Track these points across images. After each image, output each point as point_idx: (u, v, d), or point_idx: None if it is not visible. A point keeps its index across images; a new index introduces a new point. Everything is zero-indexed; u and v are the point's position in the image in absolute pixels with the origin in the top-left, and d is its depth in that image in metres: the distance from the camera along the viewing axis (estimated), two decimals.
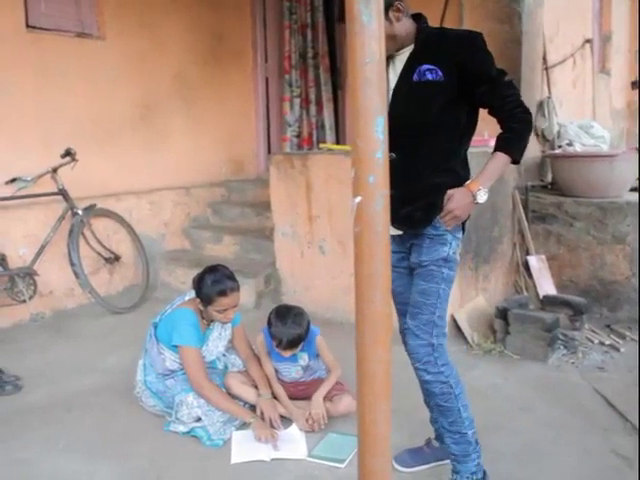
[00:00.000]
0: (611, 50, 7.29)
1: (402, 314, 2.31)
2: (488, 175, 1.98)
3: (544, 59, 4.68)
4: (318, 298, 4.20)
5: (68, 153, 4.11)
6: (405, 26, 2.08)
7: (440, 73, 2.01)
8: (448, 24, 4.75)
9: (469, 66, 1.99)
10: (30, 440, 2.67)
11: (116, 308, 4.33)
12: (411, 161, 2.06)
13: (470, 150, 3.75)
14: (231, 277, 2.73)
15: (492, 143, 3.99)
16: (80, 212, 4.21)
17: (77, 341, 3.89)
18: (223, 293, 2.65)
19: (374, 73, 1.11)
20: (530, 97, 4.43)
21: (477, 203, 1.96)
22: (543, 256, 4.31)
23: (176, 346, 2.71)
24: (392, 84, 2.11)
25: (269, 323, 2.74)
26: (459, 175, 2.11)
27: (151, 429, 2.75)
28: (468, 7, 4.47)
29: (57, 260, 4.29)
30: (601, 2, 6.95)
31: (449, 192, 1.95)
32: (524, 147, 2.03)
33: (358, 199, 1.14)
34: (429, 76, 2.03)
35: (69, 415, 2.91)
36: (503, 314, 3.70)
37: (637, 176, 4.27)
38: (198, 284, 2.72)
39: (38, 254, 4.06)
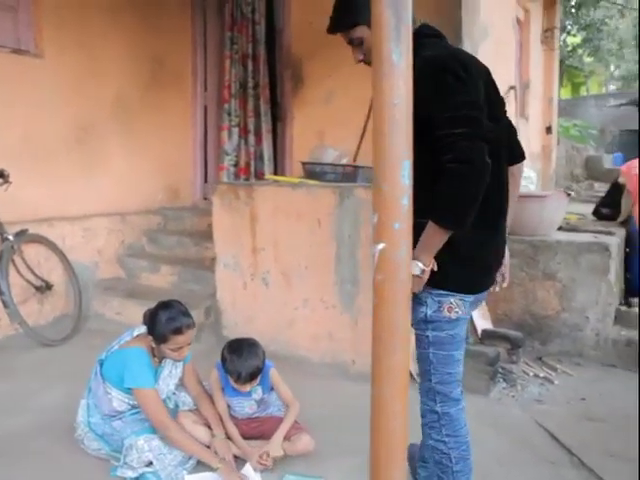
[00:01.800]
0: (529, 96, 7.78)
1: None
2: (420, 246, 1.73)
3: None
4: (261, 331, 4.13)
5: (1, 174, 3.88)
6: None
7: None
8: None
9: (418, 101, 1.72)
10: None
11: (47, 340, 4.08)
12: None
13: None
14: (186, 313, 2.64)
15: None
16: (11, 237, 3.98)
17: (5, 377, 3.62)
18: (179, 331, 2.56)
19: (402, 115, 1.11)
20: None
21: (414, 274, 1.70)
22: None
23: (129, 388, 2.58)
24: None
25: (223, 359, 2.67)
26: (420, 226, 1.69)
27: (96, 474, 2.60)
28: None
29: None
30: (521, 52, 7.43)
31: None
32: (452, 212, 1.72)
33: (381, 246, 1.13)
34: None
35: (3, 460, 2.68)
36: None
37: (564, 217, 4.54)
38: (151, 321, 2.61)
39: None
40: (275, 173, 5.73)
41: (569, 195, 4.44)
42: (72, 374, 3.65)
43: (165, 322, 2.54)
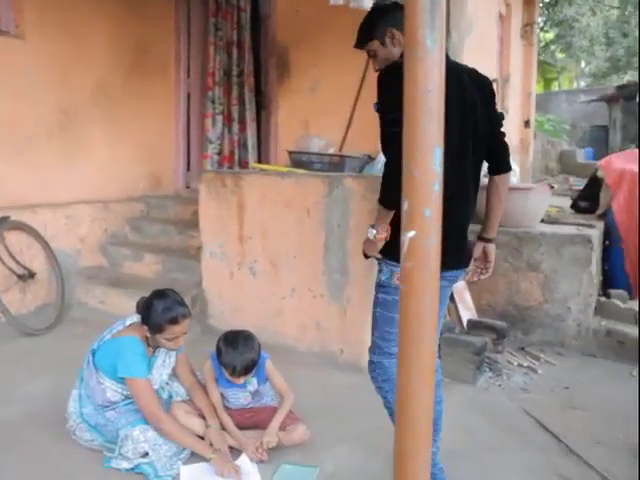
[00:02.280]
0: (509, 90, 7.86)
1: None
2: (376, 218, 2.19)
3: None
4: (247, 320, 4.11)
5: None
6: (399, 52, 2.25)
7: (377, 105, 2.25)
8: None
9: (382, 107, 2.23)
10: None
11: (30, 329, 4.01)
12: None
13: None
14: (182, 303, 2.60)
15: None
16: None
17: None
18: (175, 321, 2.53)
19: (435, 102, 1.11)
20: None
21: (369, 239, 2.17)
22: (463, 281, 4.52)
23: (122, 378, 2.55)
24: None
25: (218, 351, 2.65)
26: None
27: (89, 466, 2.56)
28: None
29: None
30: (502, 45, 7.50)
31: None
32: (383, 194, 2.15)
33: (411, 234, 1.12)
34: (375, 108, 2.28)
35: None
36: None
37: (547, 209, 4.61)
38: (146, 310, 2.57)
39: None
40: (259, 161, 5.69)
41: (552, 188, 4.50)
42: (57, 363, 3.61)
43: (161, 312, 2.51)
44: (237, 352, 2.57)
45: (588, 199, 5.64)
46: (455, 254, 2.24)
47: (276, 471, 2.54)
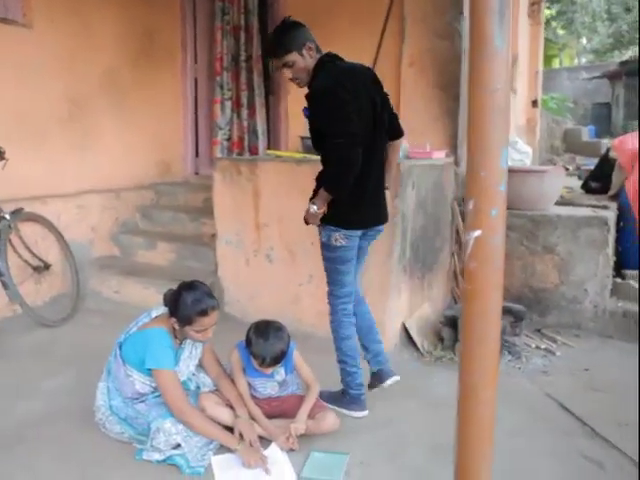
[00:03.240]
0: (517, 71, 7.79)
1: None
2: (318, 196, 2.76)
3: None
4: (264, 308, 4.11)
5: None
6: (314, 63, 2.73)
7: (307, 112, 2.74)
8: (389, 38, 4.86)
9: (311, 115, 2.72)
10: None
11: (47, 321, 4.00)
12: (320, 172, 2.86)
13: (415, 162, 3.87)
14: (210, 295, 2.60)
15: (435, 155, 4.12)
16: (7, 217, 3.85)
17: (10, 360, 3.56)
18: (204, 313, 2.52)
19: (502, 101, 1.09)
20: (466, 112, 4.63)
21: (310, 212, 2.78)
22: None
23: (149, 369, 2.55)
24: None
25: (248, 342, 2.64)
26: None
27: (120, 458, 2.56)
28: (410, 21, 4.59)
29: None
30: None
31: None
32: (331, 185, 2.69)
33: (477, 233, 1.11)
34: (305, 113, 2.77)
35: (22, 448, 2.62)
36: (451, 322, 3.84)
37: (561, 191, 4.60)
38: (174, 302, 2.56)
39: None
40: (268, 147, 5.66)
41: (567, 170, 4.48)
42: (77, 355, 3.61)
43: (191, 304, 2.50)
44: (268, 343, 2.57)
45: (599, 179, 5.61)
46: (376, 210, 2.92)
47: (307, 459, 2.56)
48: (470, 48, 1.13)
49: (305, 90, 2.77)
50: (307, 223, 2.87)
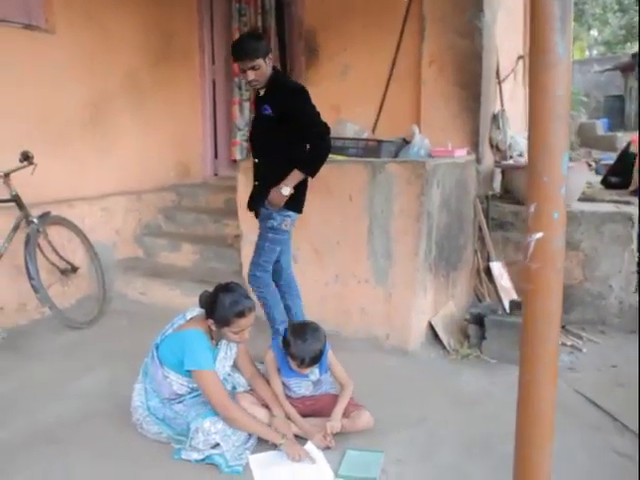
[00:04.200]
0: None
1: None
2: (288, 179, 3.16)
3: (497, 73, 4.91)
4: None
5: (26, 157, 3.78)
6: (269, 72, 3.19)
7: (271, 110, 3.17)
8: (408, 38, 4.86)
9: (290, 113, 3.13)
10: None
11: (75, 323, 4.05)
12: (264, 165, 3.33)
13: (439, 161, 3.88)
14: (247, 296, 2.64)
15: (457, 154, 4.13)
16: (36, 220, 3.90)
17: (41, 361, 3.60)
18: (242, 314, 2.56)
19: (564, 107, 1.11)
20: (486, 110, 4.63)
21: (283, 194, 3.16)
22: (501, 263, 4.53)
23: (189, 371, 2.58)
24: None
25: (286, 343, 2.67)
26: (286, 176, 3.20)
27: (159, 458, 2.59)
28: (430, 20, 4.59)
29: (7, 273, 3.95)
30: (525, 19, 7.37)
31: (271, 191, 3.20)
32: (315, 168, 3.21)
33: (539, 235, 1.13)
34: (265, 112, 3.20)
35: (57, 448, 2.65)
36: (477, 320, 3.85)
37: (585, 187, 4.59)
38: (211, 304, 2.60)
39: None
40: None
41: (590, 166, 4.48)
42: (106, 356, 3.65)
43: (228, 305, 2.54)
44: (306, 344, 2.60)
45: (619, 174, 5.59)
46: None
47: (343, 457, 2.58)
48: (530, 55, 1.15)
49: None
50: (251, 209, 3.41)
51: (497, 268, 4.42)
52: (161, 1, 5.28)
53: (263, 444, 2.63)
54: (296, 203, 3.30)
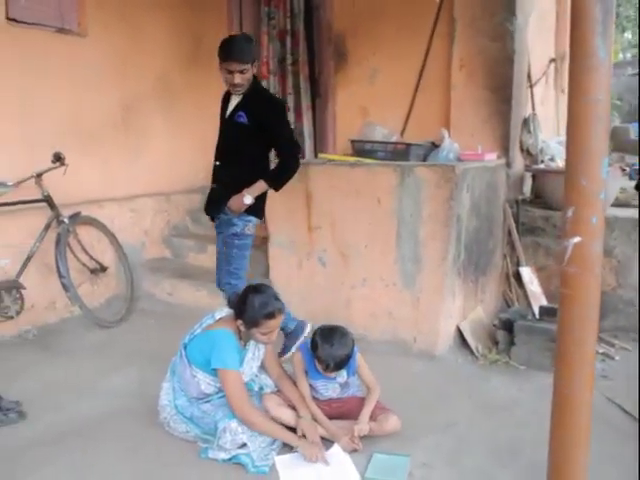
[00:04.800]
0: (564, 68, 7.63)
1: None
2: (252, 189, 3.23)
3: (529, 77, 4.84)
4: (316, 311, 4.12)
5: (58, 158, 3.85)
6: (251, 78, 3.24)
7: (246, 118, 3.21)
8: (437, 41, 4.82)
9: (267, 124, 3.20)
10: (48, 477, 2.45)
11: (104, 322, 4.10)
12: (227, 170, 3.34)
13: (469, 165, 3.83)
14: (277, 297, 2.65)
15: (487, 157, 4.08)
16: (66, 220, 3.97)
17: (70, 359, 3.65)
18: (271, 315, 2.56)
19: (604, 111, 1.09)
20: (517, 114, 4.57)
21: (244, 203, 3.22)
22: (530, 268, 4.46)
23: (215, 369, 2.59)
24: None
25: (314, 345, 2.67)
26: (251, 182, 3.26)
27: (186, 456, 2.61)
28: (460, 24, 4.54)
29: (38, 271, 4.02)
30: (557, 22, 7.27)
31: (232, 197, 3.24)
32: (282, 183, 3.32)
33: (576, 239, 1.11)
34: (240, 119, 3.23)
35: (85, 445, 2.68)
36: (506, 325, 3.79)
37: (618, 193, 4.50)
38: (241, 305, 2.61)
39: (24, 266, 3.78)
40: (315, 150, 5.68)
41: (624, 170, 4.39)
42: (134, 355, 3.69)
43: (258, 306, 2.55)
44: (333, 348, 2.60)
45: None
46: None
47: (369, 460, 2.56)
48: (570, 58, 1.13)
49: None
50: (233, 212, 3.30)
51: (527, 273, 4.35)
52: (192, 4, 5.34)
53: (290, 445, 2.62)
54: (257, 210, 3.36)
